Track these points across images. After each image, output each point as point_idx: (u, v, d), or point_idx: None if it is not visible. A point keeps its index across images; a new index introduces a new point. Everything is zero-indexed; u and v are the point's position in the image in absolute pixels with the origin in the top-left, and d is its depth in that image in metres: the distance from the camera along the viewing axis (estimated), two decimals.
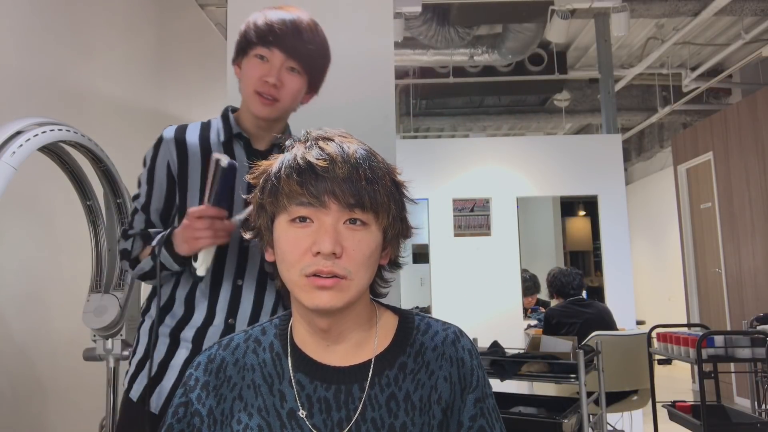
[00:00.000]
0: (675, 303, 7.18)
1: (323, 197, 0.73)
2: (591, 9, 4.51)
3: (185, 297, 1.24)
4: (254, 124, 1.27)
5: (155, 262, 1.19)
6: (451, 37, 5.04)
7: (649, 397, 3.25)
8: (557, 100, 6.73)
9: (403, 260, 0.85)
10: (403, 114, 6.88)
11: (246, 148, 1.28)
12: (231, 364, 0.82)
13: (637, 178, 9.12)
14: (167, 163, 1.24)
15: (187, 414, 0.80)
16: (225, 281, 1.24)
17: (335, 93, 1.84)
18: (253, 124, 1.27)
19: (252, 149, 1.28)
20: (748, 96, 5.13)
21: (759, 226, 4.89)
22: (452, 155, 5.08)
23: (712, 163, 5.54)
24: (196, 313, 1.23)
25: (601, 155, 4.97)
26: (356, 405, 0.77)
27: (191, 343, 1.22)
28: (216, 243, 1.14)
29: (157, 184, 1.25)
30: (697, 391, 5.54)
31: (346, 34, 1.87)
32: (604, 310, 3.68)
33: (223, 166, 1.11)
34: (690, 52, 5.80)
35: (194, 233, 1.12)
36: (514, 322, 4.82)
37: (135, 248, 1.24)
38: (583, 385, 2.30)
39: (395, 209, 0.78)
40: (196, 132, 1.27)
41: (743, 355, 2.64)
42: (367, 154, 0.78)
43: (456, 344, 0.83)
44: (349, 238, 0.74)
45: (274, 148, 1.27)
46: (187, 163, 1.25)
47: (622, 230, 4.86)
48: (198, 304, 1.24)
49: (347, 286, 0.75)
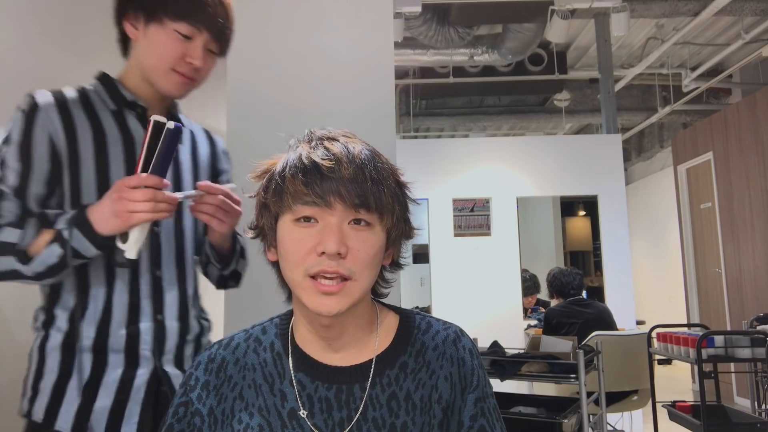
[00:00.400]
0: (675, 303, 7.18)
1: (329, 197, 0.73)
2: (591, 9, 4.51)
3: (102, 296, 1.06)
4: (153, 96, 1.14)
5: (65, 249, 0.98)
6: (451, 37, 5.04)
7: (649, 397, 3.25)
8: (557, 100, 6.73)
9: (404, 261, 0.85)
10: (403, 114, 6.88)
11: (140, 119, 1.14)
12: (231, 364, 0.82)
13: (637, 178, 9.11)
14: (48, 136, 1.04)
15: (188, 414, 0.80)
16: (142, 273, 1.10)
17: (335, 93, 1.85)
18: (152, 95, 1.14)
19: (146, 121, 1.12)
20: (748, 96, 5.13)
21: (759, 226, 4.89)
22: (452, 155, 5.08)
23: (712, 163, 5.54)
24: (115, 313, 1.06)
25: (601, 155, 4.97)
26: (357, 405, 0.77)
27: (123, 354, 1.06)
28: (156, 218, 0.99)
29: (37, 163, 1.03)
30: (697, 391, 5.54)
31: (346, 34, 1.87)
32: (604, 310, 3.68)
33: (170, 128, 0.97)
34: (690, 52, 5.80)
35: (130, 206, 0.95)
36: (514, 322, 4.82)
37: (26, 237, 1.00)
38: (583, 385, 2.30)
39: (399, 210, 0.78)
40: (76, 98, 1.10)
41: (743, 355, 2.64)
42: (371, 154, 0.78)
43: (457, 344, 0.83)
44: (353, 239, 0.74)
45: None
46: (76, 137, 1.06)
47: (622, 230, 4.86)
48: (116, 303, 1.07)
49: (351, 289, 0.75)
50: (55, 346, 1.05)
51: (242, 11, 1.90)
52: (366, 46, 1.88)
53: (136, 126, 1.13)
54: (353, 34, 1.88)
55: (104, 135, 1.09)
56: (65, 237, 0.99)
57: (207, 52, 1.13)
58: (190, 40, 1.09)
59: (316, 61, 1.86)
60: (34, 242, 1.00)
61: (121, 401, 1.04)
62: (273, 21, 1.87)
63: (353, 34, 1.88)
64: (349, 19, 1.89)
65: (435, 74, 6.04)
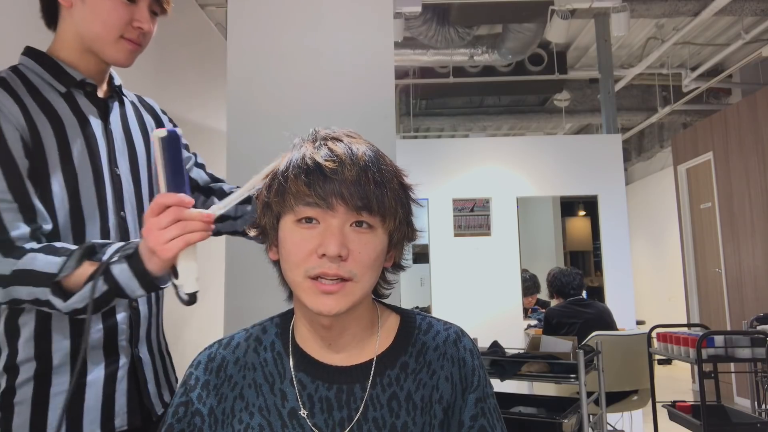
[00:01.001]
0: (675, 303, 7.18)
1: (331, 199, 0.73)
2: (591, 9, 4.51)
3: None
4: (95, 68, 1.06)
5: (113, 285, 0.87)
6: (451, 37, 5.03)
7: (649, 397, 3.25)
8: (557, 100, 6.73)
9: (406, 262, 0.85)
10: (403, 114, 6.88)
11: (89, 97, 1.07)
12: (232, 363, 0.82)
13: (637, 178, 9.11)
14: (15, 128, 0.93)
15: (188, 413, 0.80)
16: None
17: (335, 93, 1.85)
18: (94, 68, 1.06)
19: (96, 99, 1.08)
20: (748, 96, 5.13)
21: (759, 226, 4.89)
22: (452, 155, 5.08)
23: (712, 163, 5.54)
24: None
25: (601, 155, 4.96)
26: (358, 405, 0.77)
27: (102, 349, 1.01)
28: (192, 240, 0.84)
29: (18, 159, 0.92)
30: (697, 391, 5.54)
31: (346, 34, 1.87)
32: (604, 310, 3.68)
33: (162, 136, 0.85)
34: (690, 52, 5.80)
35: (159, 236, 0.83)
36: (514, 322, 4.82)
37: (65, 268, 0.88)
38: (583, 385, 2.30)
39: (402, 213, 0.78)
40: (19, 82, 0.99)
41: (743, 355, 2.64)
42: (375, 156, 0.77)
43: (457, 344, 0.83)
44: (355, 241, 0.74)
45: (113, 96, 1.12)
46: (36, 126, 0.96)
47: (622, 230, 4.86)
48: None
49: (352, 290, 0.74)
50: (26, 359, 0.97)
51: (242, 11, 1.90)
52: (366, 46, 1.87)
53: (87, 106, 1.06)
54: (353, 34, 1.88)
55: (61, 121, 1.00)
56: (113, 272, 0.87)
57: (151, 15, 1.07)
58: (135, 4, 1.03)
59: (316, 61, 1.86)
60: (74, 274, 0.88)
61: (108, 395, 1.03)
62: (273, 21, 1.87)
63: (353, 34, 1.88)
64: (349, 19, 1.89)
65: (435, 74, 6.03)
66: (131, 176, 1.11)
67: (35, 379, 0.97)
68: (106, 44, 1.03)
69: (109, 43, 1.03)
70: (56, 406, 0.97)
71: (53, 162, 0.97)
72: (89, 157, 1.03)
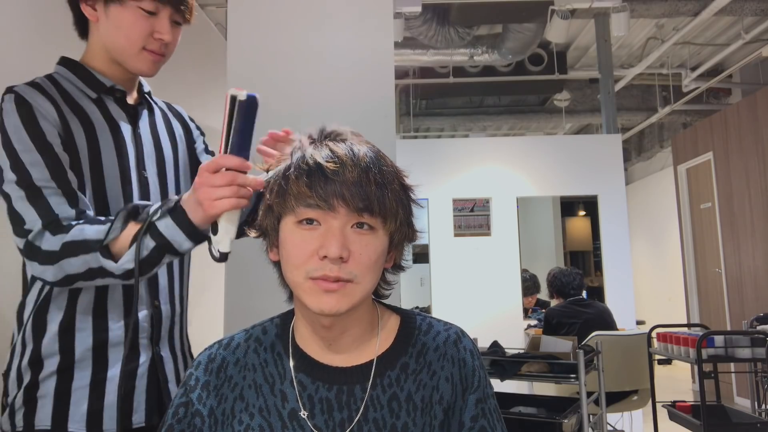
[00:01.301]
0: (675, 303, 7.18)
1: (332, 200, 0.72)
2: (591, 9, 4.51)
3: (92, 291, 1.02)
4: (123, 77, 1.12)
5: (160, 241, 0.91)
6: (451, 37, 5.03)
7: (649, 397, 3.25)
8: (557, 100, 6.73)
9: (406, 263, 0.85)
10: (403, 114, 6.88)
11: (119, 103, 1.12)
12: (232, 364, 0.82)
13: (637, 178, 9.11)
14: (53, 127, 0.99)
15: (188, 414, 0.80)
16: None
17: (335, 93, 1.85)
18: (122, 76, 1.12)
19: (126, 105, 1.13)
20: (748, 96, 5.13)
21: (759, 226, 4.89)
22: (452, 155, 5.08)
23: (712, 163, 5.54)
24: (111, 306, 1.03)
25: (601, 155, 4.97)
26: (358, 405, 0.77)
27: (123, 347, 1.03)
28: (240, 205, 0.88)
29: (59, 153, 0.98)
30: (697, 391, 5.54)
31: (346, 34, 1.87)
32: (604, 310, 3.68)
33: (242, 99, 0.85)
34: (690, 52, 5.80)
35: (210, 192, 0.86)
36: (514, 322, 4.82)
37: (112, 231, 0.92)
38: (583, 385, 2.30)
39: (403, 214, 0.78)
40: (54, 89, 1.04)
41: (743, 355, 2.64)
42: (376, 157, 0.77)
43: (458, 344, 0.83)
44: (356, 242, 0.74)
45: (143, 103, 1.17)
46: (71, 128, 1.02)
47: (622, 230, 4.86)
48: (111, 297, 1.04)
49: (353, 290, 0.74)
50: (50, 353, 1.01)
51: (242, 11, 1.90)
52: (366, 46, 1.87)
53: (117, 111, 1.11)
54: (353, 34, 1.88)
55: (92, 125, 1.05)
56: (159, 228, 0.91)
57: (173, 25, 1.10)
58: (155, 16, 1.06)
59: (316, 61, 1.86)
60: (121, 236, 0.93)
61: (128, 392, 1.05)
62: (273, 21, 1.87)
63: (353, 34, 1.88)
64: (349, 19, 1.89)
65: (435, 74, 6.03)
66: (158, 179, 1.15)
67: (58, 374, 1.00)
68: (130, 56, 1.08)
69: (133, 54, 1.07)
70: (78, 399, 1.00)
71: (84, 162, 1.02)
72: (117, 159, 1.07)
